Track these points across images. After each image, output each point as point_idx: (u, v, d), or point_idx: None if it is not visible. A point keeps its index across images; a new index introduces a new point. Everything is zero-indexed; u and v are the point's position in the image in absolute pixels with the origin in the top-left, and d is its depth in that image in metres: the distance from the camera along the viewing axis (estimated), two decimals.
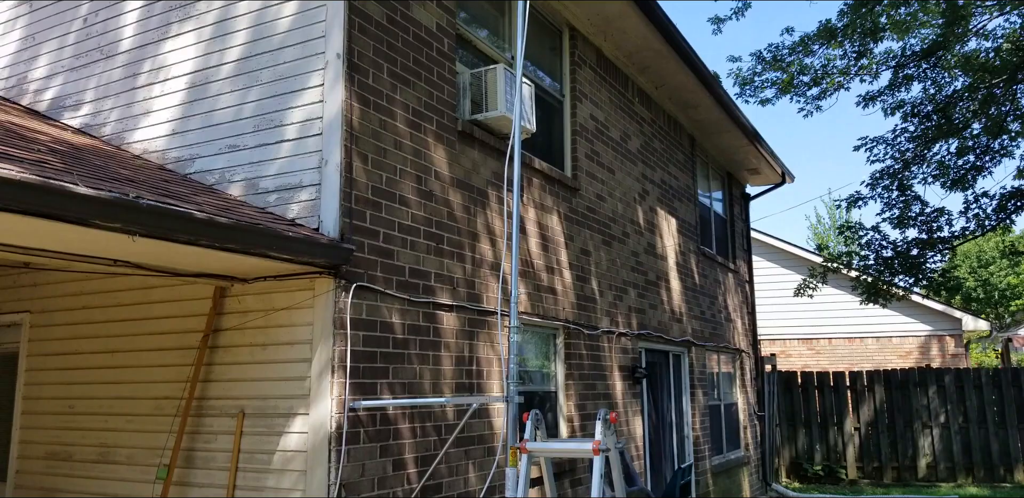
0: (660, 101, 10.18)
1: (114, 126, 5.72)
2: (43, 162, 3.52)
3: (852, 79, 12.51)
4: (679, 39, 8.85)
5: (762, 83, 12.66)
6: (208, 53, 5.33)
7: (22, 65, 6.39)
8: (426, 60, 5.52)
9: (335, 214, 4.54)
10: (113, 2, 5.92)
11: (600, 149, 8.19)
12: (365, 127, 4.83)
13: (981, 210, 13.08)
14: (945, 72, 12.31)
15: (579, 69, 7.95)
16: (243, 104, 5.09)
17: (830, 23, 11.86)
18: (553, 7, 7.55)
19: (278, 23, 5.04)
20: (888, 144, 13.17)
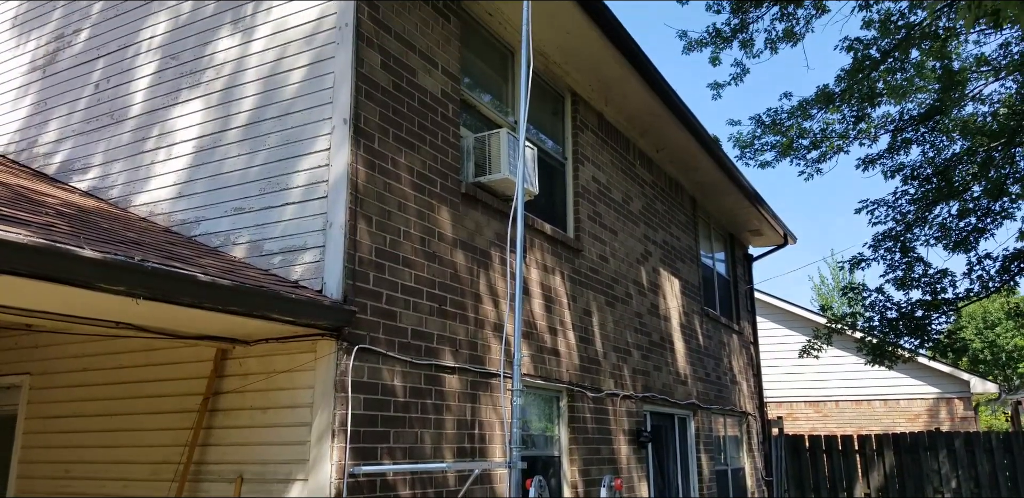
0: (661, 163, 10.30)
1: (121, 189, 5.79)
2: (50, 225, 3.55)
3: (851, 143, 12.68)
4: (679, 104, 9.00)
5: (762, 146, 12.83)
6: (216, 118, 5.42)
7: (33, 129, 6.50)
8: (431, 125, 5.61)
9: (338, 276, 4.55)
10: (125, 69, 6.05)
11: (602, 210, 8.25)
12: (370, 190, 4.88)
13: (985, 272, 13.09)
14: (943, 136, 12.48)
15: (581, 132, 8.07)
16: (249, 168, 5.15)
17: (827, 88, 12.08)
18: (555, 73, 7.71)
19: (286, 89, 5.14)
20: (889, 206, 13.27)
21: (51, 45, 6.62)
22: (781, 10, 12.43)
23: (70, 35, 6.52)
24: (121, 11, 6.25)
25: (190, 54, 5.71)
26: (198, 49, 5.68)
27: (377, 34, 5.18)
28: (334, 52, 4.98)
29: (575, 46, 7.49)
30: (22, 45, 6.84)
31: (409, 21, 5.54)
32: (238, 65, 5.44)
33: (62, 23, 6.62)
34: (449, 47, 5.97)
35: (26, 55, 6.78)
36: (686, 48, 13.37)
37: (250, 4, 5.51)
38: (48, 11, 6.77)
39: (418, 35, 5.61)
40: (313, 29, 5.14)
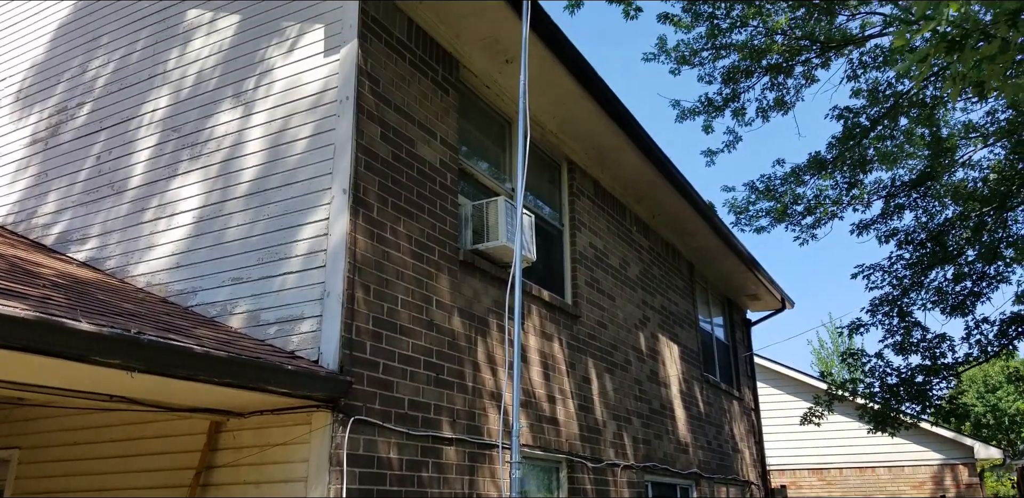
0: (657, 229, 10.36)
1: (119, 259, 5.79)
2: (47, 298, 3.54)
3: (845, 208, 12.82)
4: (673, 171, 9.12)
5: (756, 212, 12.95)
6: (216, 189, 5.47)
7: (33, 200, 6.54)
8: (429, 193, 5.66)
9: (335, 346, 4.52)
10: (127, 141, 6.13)
11: (600, 276, 8.26)
12: (368, 258, 4.89)
13: (983, 336, 13.06)
14: (936, 201, 12.62)
15: (577, 199, 8.14)
16: (249, 237, 5.17)
17: (819, 155, 12.26)
18: (551, 142, 7.82)
19: (286, 160, 5.20)
20: (885, 271, 13.32)
21: (54, 118, 6.72)
22: (771, 80, 12.72)
23: (73, 108, 6.63)
24: (124, 86, 6.37)
25: (191, 127, 5.79)
26: (199, 122, 5.77)
27: (377, 107, 5.27)
28: (335, 124, 5.06)
29: (571, 117, 7.62)
30: (25, 118, 6.94)
31: (409, 94, 5.65)
32: (239, 137, 5.51)
33: (65, 96, 6.74)
34: (448, 118, 6.07)
35: (28, 128, 6.87)
36: (679, 117, 13.63)
37: (252, 79, 5.62)
38: (52, 85, 6.89)
39: (417, 107, 5.71)
40: (315, 102, 5.23)
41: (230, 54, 5.84)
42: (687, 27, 13.71)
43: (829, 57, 12.91)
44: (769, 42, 12.61)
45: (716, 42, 13.35)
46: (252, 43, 5.75)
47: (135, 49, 6.45)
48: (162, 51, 6.26)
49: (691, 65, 14.05)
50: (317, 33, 5.42)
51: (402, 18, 5.75)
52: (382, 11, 5.52)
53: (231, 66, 5.79)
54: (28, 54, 7.23)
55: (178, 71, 6.08)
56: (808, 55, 12.87)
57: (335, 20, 5.34)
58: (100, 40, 6.73)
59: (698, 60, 14.02)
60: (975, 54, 3.69)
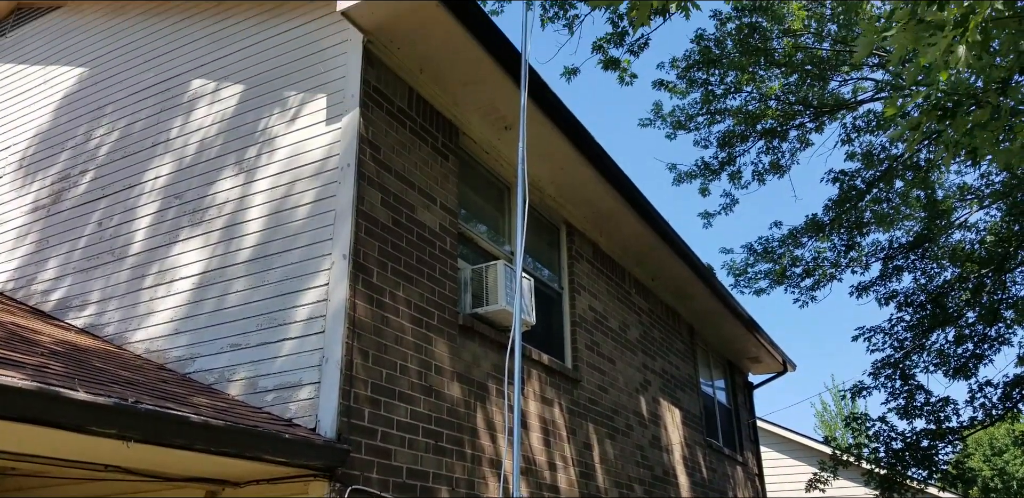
0: (657, 291, 10.36)
1: (117, 326, 5.77)
2: (44, 366, 3.52)
3: (843, 270, 12.86)
4: (671, 234, 9.17)
5: (755, 274, 12.98)
6: (216, 255, 5.49)
7: (33, 267, 6.55)
8: (429, 258, 5.68)
9: (333, 414, 4.47)
10: (128, 208, 6.18)
11: (600, 339, 8.21)
12: (367, 324, 4.88)
13: (987, 399, 12.93)
14: (934, 263, 12.66)
15: (577, 262, 8.16)
16: (248, 303, 5.17)
17: (816, 217, 12.36)
18: (550, 205, 7.89)
19: (287, 226, 5.24)
20: (886, 333, 13.27)
21: (56, 186, 6.79)
22: (766, 144, 12.91)
23: (75, 176, 6.70)
24: (127, 154, 6.45)
25: (193, 194, 5.85)
26: (201, 189, 5.82)
27: (378, 173, 5.34)
28: (336, 191, 5.11)
29: (569, 181, 7.70)
30: (27, 186, 7.01)
31: (409, 160, 5.72)
32: (240, 204, 5.56)
33: (68, 164, 6.82)
34: (448, 183, 6.14)
35: (30, 195, 6.93)
36: (676, 180, 13.79)
37: (255, 146, 5.70)
38: (56, 153, 6.98)
39: (418, 173, 5.78)
40: (316, 169, 5.30)
41: (233, 122, 5.94)
42: (682, 93, 13.99)
43: (823, 121, 13.15)
44: (763, 107, 12.84)
45: (711, 107, 13.60)
46: (255, 112, 5.85)
47: (139, 118, 6.56)
48: (165, 120, 6.37)
49: (687, 130, 14.30)
50: (320, 102, 5.52)
51: (403, 87, 5.86)
52: (384, 81, 5.64)
53: (234, 134, 5.88)
54: (33, 123, 7.34)
55: (181, 139, 6.17)
56: (802, 120, 13.10)
57: (337, 90, 5.45)
58: (105, 109, 6.85)
59: (693, 125, 14.28)
60: (967, 121, 3.76)
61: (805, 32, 12.76)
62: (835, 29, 13.05)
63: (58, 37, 7.69)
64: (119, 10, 7.32)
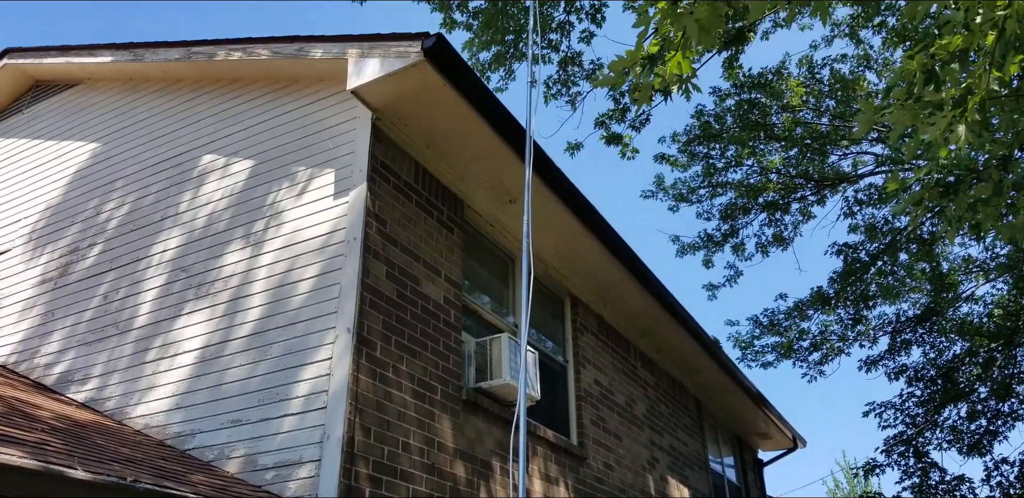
0: (663, 365, 10.26)
1: (119, 400, 5.71)
2: (43, 443, 3.46)
3: (851, 344, 12.75)
4: (676, 306, 9.14)
5: (762, 348, 12.88)
6: (220, 329, 5.47)
7: (37, 339, 6.53)
8: (433, 331, 5.65)
9: (334, 493, 4.37)
10: (135, 281, 6.20)
11: (606, 415, 8.09)
12: (370, 399, 4.82)
13: (1003, 477, 12.63)
14: (942, 337, 12.57)
15: (581, 335, 8.11)
16: (250, 378, 5.12)
17: (821, 290, 12.34)
18: (554, 277, 7.89)
19: (292, 300, 5.24)
20: (897, 409, 13.08)
21: (64, 259, 6.83)
22: (769, 216, 13.00)
23: (84, 249, 6.74)
24: (136, 227, 6.51)
25: (200, 267, 5.87)
26: (208, 262, 5.85)
27: (384, 246, 5.36)
28: (342, 264, 5.13)
29: (573, 253, 7.73)
30: (36, 259, 7.04)
31: (414, 233, 5.76)
32: (246, 277, 5.57)
33: (77, 238, 6.87)
34: (452, 256, 6.16)
35: (38, 268, 6.96)
36: (679, 252, 13.82)
37: (262, 220, 5.75)
38: (65, 227, 7.04)
39: (422, 246, 5.81)
40: (323, 243, 5.33)
41: (242, 197, 6.01)
42: (683, 166, 14.17)
43: (824, 194, 13.27)
44: (764, 181, 12.99)
45: (712, 180, 13.75)
46: (264, 186, 5.93)
47: (149, 192, 6.65)
48: (175, 194, 6.45)
49: (689, 202, 14.43)
50: (328, 177, 5.59)
51: (409, 162, 5.95)
52: (391, 156, 5.73)
53: (242, 208, 5.94)
54: (45, 197, 7.44)
55: (190, 213, 6.23)
56: (803, 192, 13.23)
57: (346, 165, 5.54)
58: (116, 183, 6.95)
59: (696, 197, 14.41)
60: (969, 197, 3.80)
61: (803, 108, 13.00)
62: (833, 104, 13.31)
63: (73, 113, 7.86)
64: (133, 88, 7.51)
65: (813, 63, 13.39)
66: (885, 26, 11.71)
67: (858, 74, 12.93)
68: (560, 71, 11.85)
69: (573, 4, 11.18)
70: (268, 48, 6.19)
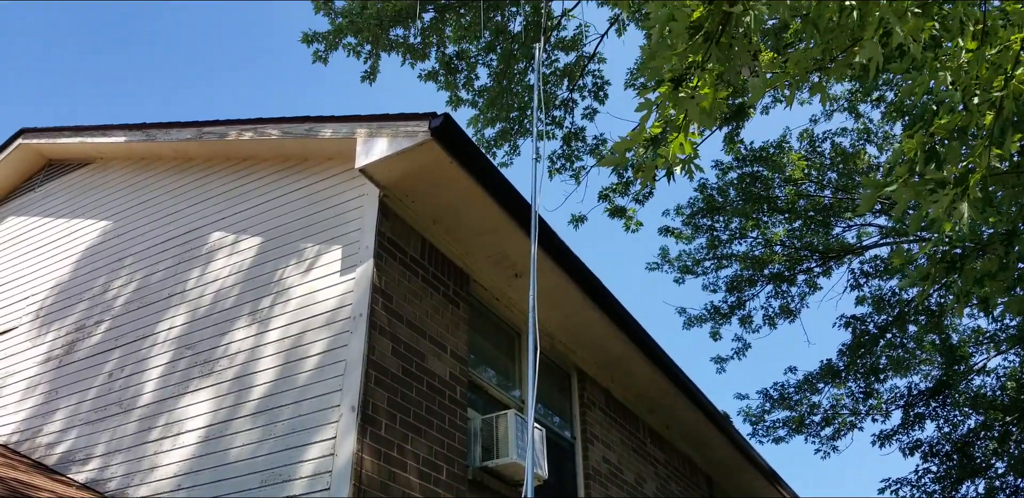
0: (672, 440, 10.07)
1: (120, 480, 5.61)
2: None
3: (864, 419, 12.55)
4: (684, 380, 9.04)
5: (773, 423, 12.68)
6: (224, 407, 5.41)
7: (40, 418, 6.46)
8: (439, 408, 5.59)
9: None
10: (140, 359, 6.17)
11: (615, 494, 7.91)
12: (374, 480, 4.73)
13: None
14: (956, 410, 12.37)
15: (589, 410, 8.00)
16: (254, 457, 5.04)
17: (831, 363, 12.22)
18: (561, 351, 7.84)
19: (297, 377, 5.20)
20: (913, 485, 12.77)
21: (70, 336, 6.81)
22: (775, 288, 12.98)
23: (90, 327, 6.74)
24: (143, 304, 6.52)
25: (206, 344, 5.85)
26: (214, 339, 5.83)
27: (390, 322, 5.36)
28: (348, 340, 5.11)
29: (580, 327, 7.70)
30: (42, 336, 7.03)
31: (420, 308, 5.76)
32: (252, 354, 5.55)
33: (84, 315, 6.87)
34: (458, 331, 6.14)
35: (44, 346, 6.94)
36: (686, 324, 13.76)
37: (269, 297, 5.76)
38: (73, 304, 7.06)
39: (429, 321, 5.80)
40: (329, 319, 5.32)
41: (249, 273, 6.04)
42: (687, 239, 14.24)
43: (830, 266, 13.27)
44: (769, 253, 13.02)
45: (717, 253, 13.80)
46: (272, 263, 5.96)
47: (157, 269, 6.68)
48: (183, 271, 6.48)
49: (694, 274, 14.44)
50: (335, 253, 5.63)
51: (416, 237, 6.00)
52: (398, 232, 5.78)
53: (249, 285, 5.96)
54: (53, 274, 7.47)
55: (197, 290, 6.25)
56: (809, 264, 13.24)
57: (353, 241, 5.58)
58: (124, 261, 6.99)
59: (701, 270, 14.43)
60: (975, 271, 3.80)
61: (806, 180, 13.15)
62: (835, 177, 13.46)
63: (85, 192, 7.98)
64: (145, 167, 7.63)
65: (814, 137, 13.61)
66: (884, 100, 11.95)
67: (859, 147, 13.12)
68: (564, 146, 12.06)
69: (576, 82, 11.45)
70: (279, 128, 6.32)
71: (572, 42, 11.39)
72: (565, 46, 11.47)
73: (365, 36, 10.47)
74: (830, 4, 2.64)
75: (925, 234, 10.41)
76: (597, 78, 11.65)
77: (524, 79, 11.21)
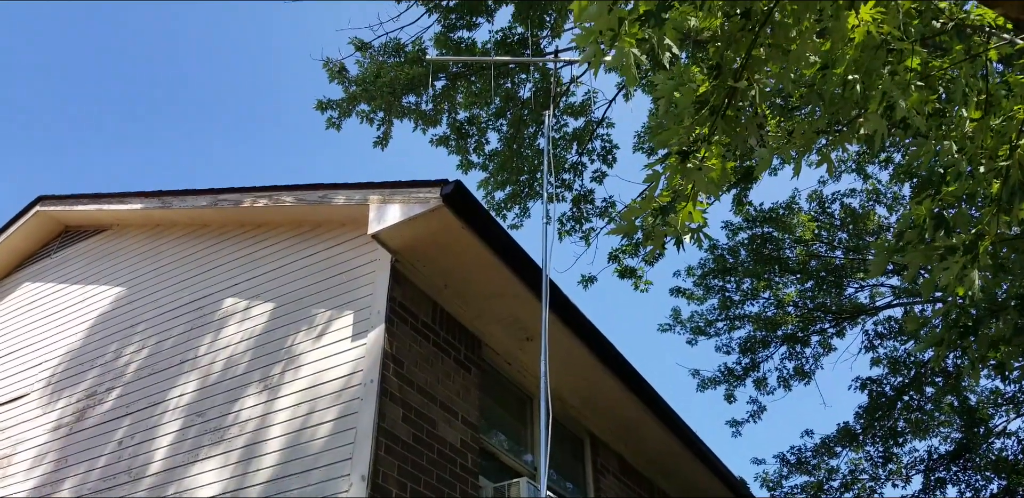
0: None
1: None
2: None
3: (884, 484, 12.28)
4: (699, 444, 8.89)
5: (792, 489, 12.42)
6: (234, 476, 5.35)
7: (48, 487, 6.39)
8: (449, 476, 5.51)
9: None
10: (151, 426, 6.13)
11: None
12: None
13: None
14: (977, 474, 12.10)
15: (603, 477, 7.86)
16: None
17: (848, 425, 12.02)
18: (573, 416, 7.75)
19: (307, 445, 5.15)
20: None
21: (81, 403, 6.79)
22: (789, 349, 12.87)
23: (101, 394, 6.72)
24: (155, 371, 6.51)
25: (216, 411, 5.82)
26: (225, 407, 5.80)
27: (400, 389, 5.33)
28: (358, 407, 5.08)
29: (592, 391, 7.63)
30: (53, 404, 7.01)
31: (431, 374, 5.73)
32: (262, 422, 5.51)
33: (95, 382, 6.86)
34: (469, 396, 6.09)
35: (55, 413, 6.91)
36: (700, 386, 13.61)
37: (280, 363, 5.75)
38: (84, 371, 7.05)
39: (440, 387, 5.76)
40: (340, 386, 5.30)
41: (260, 340, 6.04)
42: (699, 300, 14.20)
43: (844, 327, 13.18)
44: (782, 314, 12.96)
45: (729, 314, 13.74)
46: (283, 329, 5.97)
47: (169, 336, 6.69)
48: (195, 338, 6.49)
49: (707, 336, 14.35)
50: (346, 319, 5.64)
51: (427, 302, 6.01)
52: (409, 297, 5.79)
53: (261, 352, 5.96)
54: (66, 341, 7.49)
55: (208, 357, 6.25)
56: (822, 325, 13.15)
57: (364, 307, 5.60)
58: (137, 327, 7.01)
59: (713, 331, 14.35)
60: (989, 336, 3.78)
61: (816, 241, 13.16)
62: (845, 237, 13.48)
63: (100, 258, 8.05)
64: (160, 234, 7.72)
65: (823, 198, 13.68)
66: (891, 161, 12.04)
67: (868, 208, 13.17)
68: (573, 208, 12.14)
69: (585, 147, 11.61)
70: (293, 195, 6.41)
71: (581, 108, 11.59)
72: (574, 111, 11.67)
73: (378, 103, 10.69)
74: (833, 78, 2.70)
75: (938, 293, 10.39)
76: (606, 142, 11.81)
77: (534, 143, 11.38)
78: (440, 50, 10.81)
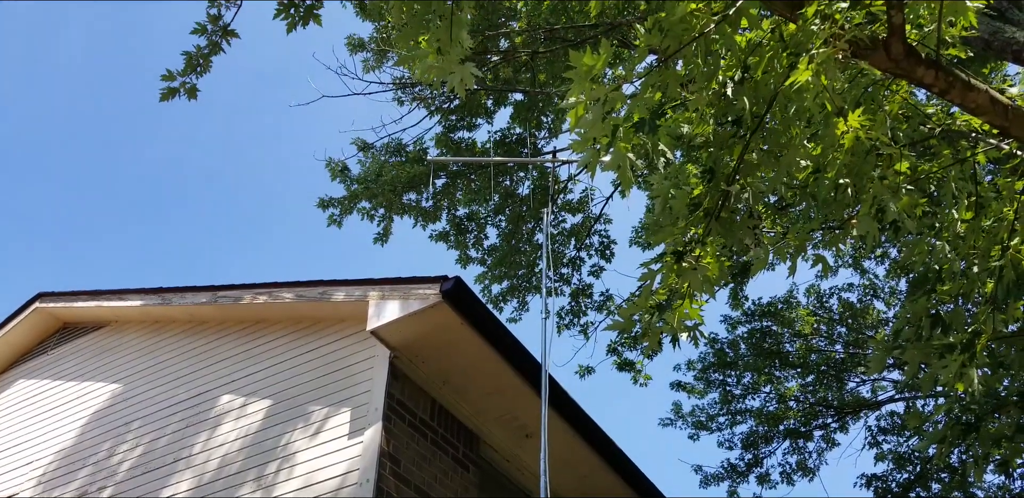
0: None
1: None
2: None
3: None
4: None
5: None
6: None
7: None
8: None
9: None
10: None
11: None
12: None
13: None
14: None
15: None
16: None
17: None
18: None
19: None
20: None
21: None
22: (792, 444, 12.66)
23: (93, 492, 6.56)
24: (148, 469, 6.36)
25: None
26: None
27: (397, 488, 5.22)
28: None
29: (593, 489, 7.45)
30: None
31: (429, 472, 5.63)
32: None
33: (87, 481, 6.67)
34: (467, 495, 5.96)
35: None
36: (703, 482, 13.31)
37: (275, 462, 5.66)
38: (77, 469, 6.89)
39: (437, 486, 5.65)
40: (336, 485, 5.20)
41: (256, 438, 5.96)
42: (700, 394, 14.05)
43: (846, 421, 12.99)
44: (784, 408, 12.80)
45: (730, 408, 13.57)
46: (279, 427, 5.90)
47: (164, 433, 6.60)
48: (191, 435, 6.40)
49: (709, 430, 14.12)
50: (344, 416, 5.58)
51: (426, 399, 5.96)
52: (407, 393, 5.75)
53: (256, 450, 5.87)
54: (59, 439, 7.36)
55: (203, 455, 6.14)
56: (825, 419, 12.97)
57: (362, 403, 5.55)
58: (132, 425, 6.91)
59: (715, 425, 14.13)
60: (991, 433, 3.75)
61: (816, 335, 13.14)
62: (845, 331, 13.46)
63: (97, 355, 8.00)
64: (158, 330, 7.71)
65: (820, 292, 13.74)
66: (888, 256, 12.16)
67: (866, 303, 13.22)
68: (571, 302, 12.16)
69: (583, 242, 11.75)
70: (293, 292, 6.45)
71: (578, 205, 11.79)
72: (572, 208, 11.86)
73: (379, 201, 10.87)
74: (825, 181, 2.79)
75: (940, 387, 10.31)
76: (603, 237, 11.95)
77: (532, 238, 11.51)
78: (441, 150, 11.08)
